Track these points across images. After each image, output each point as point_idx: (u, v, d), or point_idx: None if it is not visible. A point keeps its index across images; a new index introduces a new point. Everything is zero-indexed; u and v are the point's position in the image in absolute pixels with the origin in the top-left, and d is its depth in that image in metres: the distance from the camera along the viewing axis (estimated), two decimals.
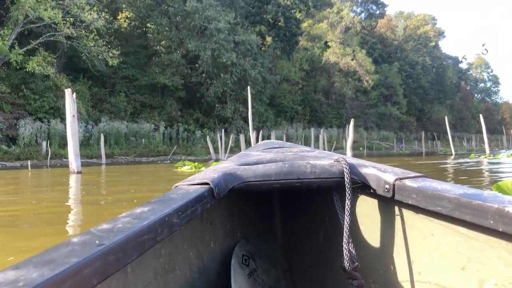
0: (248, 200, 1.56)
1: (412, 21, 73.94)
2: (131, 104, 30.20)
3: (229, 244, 1.35)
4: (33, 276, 0.47)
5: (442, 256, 0.91)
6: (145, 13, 33.41)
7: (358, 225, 1.19)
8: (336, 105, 48.15)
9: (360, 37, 54.40)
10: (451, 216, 0.85)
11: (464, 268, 0.85)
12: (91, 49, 26.23)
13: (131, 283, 0.73)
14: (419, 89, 62.72)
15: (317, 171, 1.13)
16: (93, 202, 5.53)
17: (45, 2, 23.64)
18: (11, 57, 22.66)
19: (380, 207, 1.11)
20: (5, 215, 4.38)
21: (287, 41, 43.54)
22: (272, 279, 1.45)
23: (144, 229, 0.69)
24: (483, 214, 0.77)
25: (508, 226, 0.73)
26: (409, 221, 1.02)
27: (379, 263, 1.11)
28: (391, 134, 50.67)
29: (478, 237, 0.82)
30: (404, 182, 0.99)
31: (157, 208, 0.81)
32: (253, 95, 33.65)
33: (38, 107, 23.42)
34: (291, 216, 1.62)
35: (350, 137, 20.75)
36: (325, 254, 1.38)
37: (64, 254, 0.54)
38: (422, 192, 0.92)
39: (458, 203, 0.83)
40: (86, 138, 24.30)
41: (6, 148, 20.47)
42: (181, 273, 0.98)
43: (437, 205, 0.88)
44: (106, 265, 0.57)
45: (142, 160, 24.46)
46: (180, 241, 0.99)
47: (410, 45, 69.11)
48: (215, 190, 1.03)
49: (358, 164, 1.15)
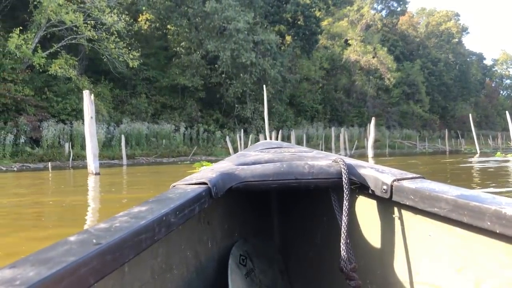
0: (246, 200, 1.56)
1: (434, 17, 72.65)
2: (152, 105, 30.46)
3: (227, 244, 1.36)
4: (30, 275, 0.47)
5: (439, 257, 0.92)
6: (165, 15, 33.64)
7: (356, 225, 1.18)
8: (357, 104, 47.66)
9: (381, 34, 53.78)
10: (448, 218, 0.85)
11: (461, 269, 0.86)
12: (112, 51, 26.55)
13: (128, 283, 0.73)
14: (442, 87, 61.58)
15: (315, 172, 1.13)
16: (102, 202, 5.53)
17: (67, 6, 24.04)
18: (34, 60, 23.09)
19: (377, 208, 1.11)
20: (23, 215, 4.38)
21: (306, 40, 43.27)
22: (269, 279, 1.45)
23: (141, 229, 0.69)
24: (481, 215, 0.77)
25: (505, 228, 0.73)
26: (406, 222, 1.02)
27: (376, 264, 1.11)
28: (413, 132, 49.90)
29: (475, 239, 0.82)
30: (402, 183, 0.99)
31: (154, 208, 0.80)
32: (272, 95, 33.62)
33: (60, 109, 23.78)
34: (288, 216, 1.62)
35: (372, 136, 20.51)
36: (323, 254, 1.38)
37: (61, 253, 0.54)
38: (419, 193, 0.93)
39: (455, 204, 0.83)
40: (108, 139, 24.56)
41: (30, 149, 20.84)
42: (178, 272, 0.98)
43: (435, 206, 0.88)
44: (103, 264, 0.57)
45: (163, 161, 24.59)
46: (178, 241, 0.99)
47: (433, 42, 67.94)
48: (213, 189, 1.03)
49: (356, 165, 1.15)
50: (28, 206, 5.18)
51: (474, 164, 12.67)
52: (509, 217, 0.72)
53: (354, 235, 1.16)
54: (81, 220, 3.93)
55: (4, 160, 19.23)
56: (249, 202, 1.59)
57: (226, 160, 1.43)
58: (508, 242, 0.75)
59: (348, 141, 31.79)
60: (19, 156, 20.12)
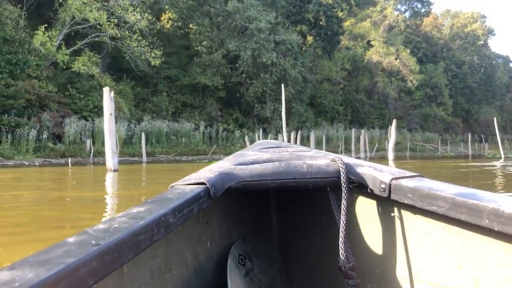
0: (245, 200, 1.57)
1: (459, 19, 71.35)
2: (172, 103, 30.69)
3: (226, 244, 1.36)
4: (29, 276, 0.47)
5: (438, 255, 0.92)
6: (187, 14, 33.84)
7: (355, 225, 1.19)
8: (379, 106, 47.11)
9: (404, 36, 53.05)
10: (447, 216, 0.85)
11: (460, 267, 0.86)
12: (134, 49, 26.86)
13: (127, 283, 0.73)
14: (466, 89, 60.44)
15: (314, 171, 1.13)
16: (114, 198, 5.55)
17: (91, 4, 24.40)
18: (58, 57, 23.52)
19: (376, 207, 1.11)
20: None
21: (328, 40, 42.98)
22: (268, 278, 1.45)
23: (140, 229, 0.69)
24: (479, 213, 0.78)
25: (503, 225, 0.74)
26: (405, 221, 1.02)
27: (375, 263, 1.11)
28: (435, 135, 49.06)
29: (473, 237, 0.82)
30: (400, 182, 0.99)
31: (153, 208, 0.80)
32: (293, 95, 33.49)
33: (83, 106, 24.13)
34: (287, 215, 1.63)
35: (392, 138, 20.26)
36: (321, 253, 1.38)
37: (60, 254, 0.54)
38: (418, 192, 0.93)
39: (453, 202, 0.83)
40: (128, 137, 24.85)
41: (52, 145, 21.20)
42: (177, 273, 0.98)
43: (433, 204, 0.88)
44: (102, 265, 0.57)
45: (182, 159, 24.71)
46: (177, 241, 0.99)
47: (457, 44, 66.75)
48: (211, 189, 1.03)
49: (354, 164, 1.15)
50: (34, 202, 5.24)
51: (499, 168, 12.38)
52: (507, 215, 0.73)
53: (352, 234, 1.17)
54: (79, 221, 3.91)
55: (27, 155, 19.60)
56: (247, 202, 1.59)
57: (225, 160, 1.44)
58: (506, 240, 0.75)
59: (368, 143, 31.43)
60: (42, 151, 20.50)
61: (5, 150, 19.19)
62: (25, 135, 20.16)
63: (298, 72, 34.34)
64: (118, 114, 22.76)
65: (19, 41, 21.69)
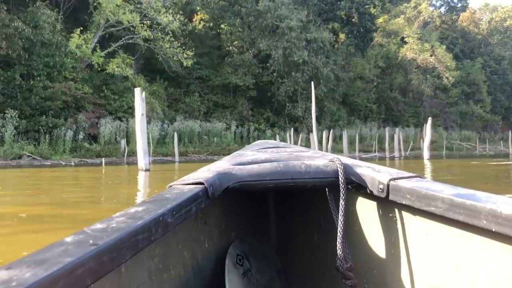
0: (243, 200, 1.57)
1: (498, 13, 68.91)
2: (204, 103, 30.93)
3: (224, 244, 1.36)
4: (26, 276, 0.47)
5: (436, 256, 0.92)
6: (218, 14, 34.05)
7: (352, 225, 1.19)
8: (413, 104, 46.06)
9: (439, 32, 51.69)
10: (445, 216, 0.85)
11: (458, 268, 0.86)
12: (166, 50, 27.22)
13: (125, 283, 0.73)
14: (506, 86, 58.33)
15: (312, 171, 1.13)
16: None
17: (124, 6, 24.86)
18: (93, 59, 24.08)
19: (374, 207, 1.12)
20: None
21: (361, 38, 42.39)
22: (266, 278, 1.46)
23: (138, 229, 0.69)
24: (477, 214, 0.78)
25: (501, 226, 0.74)
26: (403, 221, 1.02)
27: (373, 263, 1.12)
28: (473, 134, 47.58)
29: (471, 237, 0.83)
30: (398, 183, 0.99)
31: (151, 208, 0.80)
32: (324, 94, 33.19)
33: (117, 107, 24.62)
34: (285, 216, 1.63)
35: (428, 137, 19.80)
36: (319, 254, 1.38)
37: (57, 254, 0.54)
38: (416, 192, 0.92)
39: (451, 203, 0.83)
40: (161, 136, 25.19)
41: (88, 145, 21.72)
42: (175, 273, 0.98)
43: (431, 205, 0.88)
44: (100, 265, 0.57)
45: (214, 158, 24.79)
46: (174, 241, 0.99)
47: (496, 39, 64.53)
48: (209, 189, 1.02)
49: (352, 164, 1.15)
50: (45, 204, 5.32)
51: None
52: (504, 216, 0.73)
53: (350, 235, 1.17)
54: (79, 223, 3.83)
55: (64, 155, 20.14)
56: (246, 202, 1.60)
57: (223, 159, 1.44)
58: (504, 241, 0.76)
59: (403, 142, 30.80)
60: (78, 151, 21.02)
61: (44, 150, 19.79)
62: (62, 136, 20.74)
63: (330, 70, 33.98)
64: (151, 115, 23.15)
65: (56, 44, 22.28)
